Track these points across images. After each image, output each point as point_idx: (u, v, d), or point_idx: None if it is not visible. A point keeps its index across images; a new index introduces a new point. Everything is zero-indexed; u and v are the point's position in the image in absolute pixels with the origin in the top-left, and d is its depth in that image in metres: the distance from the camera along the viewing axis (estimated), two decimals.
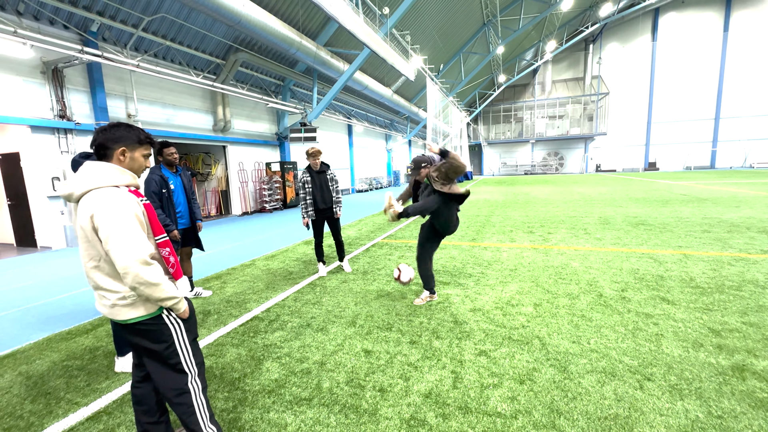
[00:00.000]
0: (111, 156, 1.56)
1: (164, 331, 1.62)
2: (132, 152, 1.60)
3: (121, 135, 1.57)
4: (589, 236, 6.71)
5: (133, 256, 1.43)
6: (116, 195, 1.47)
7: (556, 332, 3.03)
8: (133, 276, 1.43)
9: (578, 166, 39.62)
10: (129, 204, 1.48)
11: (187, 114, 10.71)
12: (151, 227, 1.60)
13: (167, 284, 1.53)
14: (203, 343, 3.08)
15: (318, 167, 4.61)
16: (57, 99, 7.54)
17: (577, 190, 16.48)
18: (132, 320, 1.56)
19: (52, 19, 7.37)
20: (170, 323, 1.64)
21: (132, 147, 1.60)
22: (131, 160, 1.61)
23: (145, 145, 1.66)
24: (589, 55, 37.29)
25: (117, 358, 2.71)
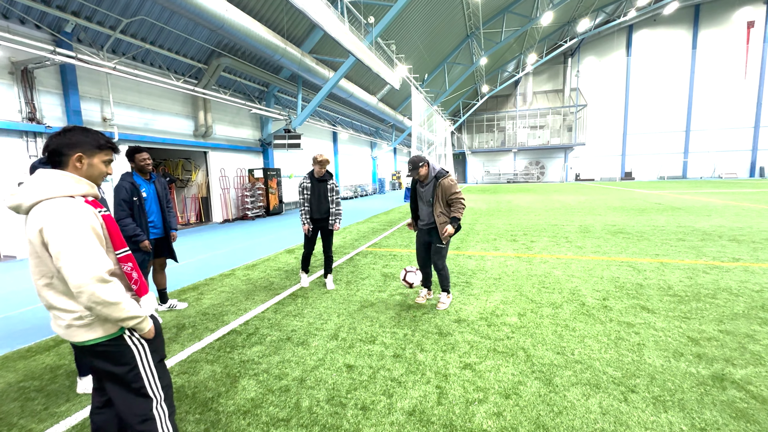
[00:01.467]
0: (66, 163, 1.42)
1: (126, 353, 1.49)
2: (90, 158, 1.46)
3: (78, 140, 1.43)
4: (571, 244, 6.81)
5: (88, 273, 1.30)
6: (69, 206, 1.34)
7: (540, 343, 3.01)
8: (89, 295, 1.30)
9: (558, 175, 40.67)
10: (84, 216, 1.35)
11: (167, 119, 10.42)
12: (111, 240, 1.47)
13: (128, 303, 1.41)
14: (176, 359, 2.92)
15: (321, 175, 4.42)
16: (26, 101, 7.20)
17: (558, 199, 16.85)
18: (90, 342, 1.43)
19: (23, 18, 7.06)
20: (133, 344, 1.50)
21: (90, 153, 1.46)
22: (89, 167, 1.47)
23: (106, 150, 1.52)
24: (568, 68, 38.60)
25: (79, 379, 2.52)
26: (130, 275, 1.53)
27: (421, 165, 3.67)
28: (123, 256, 1.51)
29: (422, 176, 3.73)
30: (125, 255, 1.52)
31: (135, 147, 3.56)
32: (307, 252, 4.63)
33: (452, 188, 3.63)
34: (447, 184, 3.63)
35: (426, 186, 3.77)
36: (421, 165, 3.67)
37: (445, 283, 3.89)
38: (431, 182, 3.72)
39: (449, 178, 3.69)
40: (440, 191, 3.65)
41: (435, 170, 3.73)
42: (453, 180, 3.70)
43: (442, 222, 3.66)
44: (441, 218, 3.66)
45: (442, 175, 3.69)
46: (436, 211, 3.68)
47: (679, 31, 35.80)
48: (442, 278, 3.87)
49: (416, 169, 3.69)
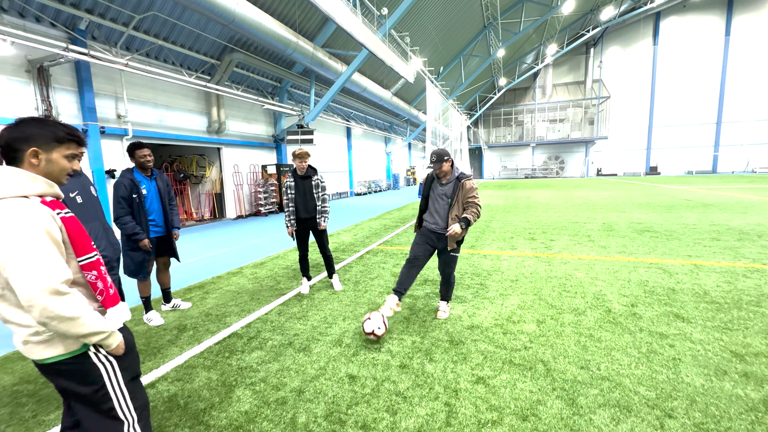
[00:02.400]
0: (21, 159, 1.26)
1: (92, 371, 1.34)
2: (48, 153, 1.30)
3: (32, 133, 1.27)
4: (594, 244, 6.43)
5: (39, 284, 1.14)
6: (21, 208, 1.18)
7: (561, 355, 2.74)
8: (40, 310, 1.14)
9: (579, 170, 39.38)
10: (38, 219, 1.19)
11: (181, 115, 10.46)
12: (73, 246, 1.31)
13: (90, 316, 1.24)
14: (172, 364, 2.80)
15: (304, 171, 4.19)
16: (42, 98, 7.28)
17: (579, 195, 16.21)
18: (50, 360, 1.28)
19: (39, 16, 7.13)
20: (100, 362, 1.35)
21: (47, 147, 1.29)
22: (48, 163, 1.30)
23: (67, 143, 1.34)
24: (590, 59, 37.14)
25: None
26: (94, 285, 1.36)
27: (446, 159, 3.32)
28: (87, 263, 1.34)
29: (444, 172, 3.41)
30: (89, 262, 1.35)
31: (135, 143, 3.45)
32: (301, 254, 4.35)
33: (473, 191, 3.31)
34: (470, 186, 3.31)
35: (445, 185, 3.44)
36: (446, 159, 3.33)
37: (450, 293, 3.59)
38: (452, 182, 3.37)
39: (473, 180, 3.38)
40: (461, 193, 3.36)
41: (458, 171, 3.41)
42: (475, 183, 3.40)
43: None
44: (455, 222, 3.39)
45: (465, 176, 3.37)
46: (452, 213, 3.41)
47: (710, 18, 33.85)
48: (449, 287, 3.56)
49: (440, 162, 3.34)
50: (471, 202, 3.29)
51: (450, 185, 3.37)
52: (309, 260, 4.48)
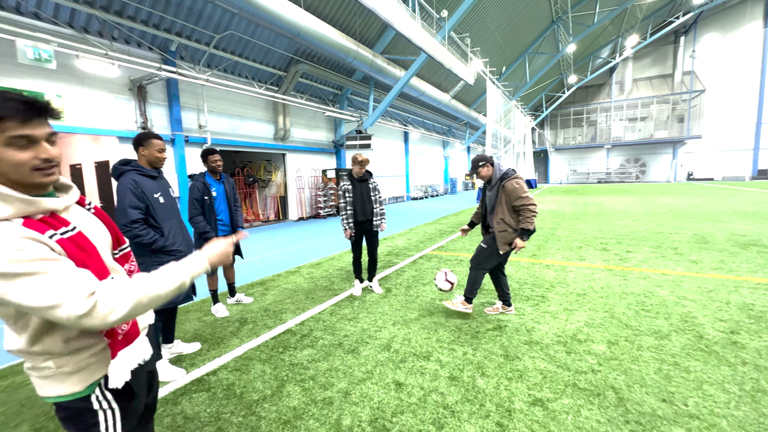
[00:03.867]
0: None
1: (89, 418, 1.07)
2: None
3: None
4: (681, 257, 5.61)
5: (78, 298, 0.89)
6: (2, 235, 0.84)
7: (638, 383, 2.40)
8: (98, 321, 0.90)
9: (664, 174, 34.96)
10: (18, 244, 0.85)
11: (251, 124, 11.36)
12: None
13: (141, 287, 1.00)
14: (233, 354, 2.99)
15: (361, 175, 4.28)
16: (140, 112, 8.41)
17: (664, 202, 14.36)
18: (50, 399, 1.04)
19: (139, 42, 8.26)
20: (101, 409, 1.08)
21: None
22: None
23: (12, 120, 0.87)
24: (680, 49, 32.88)
25: None
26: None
27: (481, 165, 3.27)
28: None
29: (485, 177, 3.32)
30: None
31: (208, 149, 3.79)
32: (356, 257, 4.41)
33: (517, 192, 3.13)
34: (510, 187, 3.16)
35: (492, 189, 3.33)
36: (482, 165, 3.27)
37: (468, 288, 3.50)
38: (497, 185, 3.27)
39: (514, 180, 3.20)
40: (504, 195, 3.20)
41: (501, 171, 3.28)
42: (519, 182, 3.19)
43: (501, 230, 3.22)
44: (500, 226, 3.23)
45: (507, 176, 3.22)
46: (497, 216, 3.25)
47: None
48: (469, 280, 3.50)
49: (476, 169, 3.30)
50: (522, 208, 3.14)
51: (495, 188, 3.30)
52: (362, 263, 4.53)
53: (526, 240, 3.21)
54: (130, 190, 2.54)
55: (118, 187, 2.59)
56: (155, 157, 2.68)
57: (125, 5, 7.55)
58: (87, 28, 7.38)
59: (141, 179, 2.60)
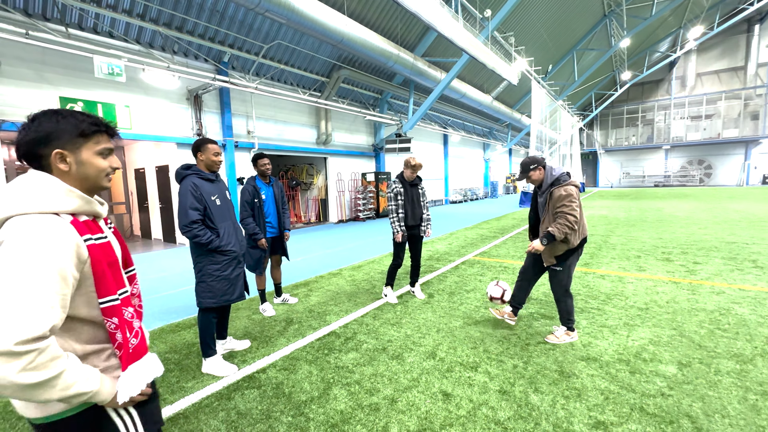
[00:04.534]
0: (48, 166, 1.01)
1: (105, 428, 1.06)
2: (76, 153, 1.02)
3: (50, 130, 0.99)
4: (763, 272, 4.99)
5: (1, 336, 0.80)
6: (38, 230, 0.91)
7: (718, 413, 2.14)
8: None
9: (734, 177, 31.59)
10: (53, 246, 0.91)
11: (295, 129, 11.77)
12: (96, 283, 1.02)
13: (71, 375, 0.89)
14: (280, 353, 3.06)
15: (412, 179, 4.23)
16: (196, 120, 9.00)
17: (735, 208, 12.94)
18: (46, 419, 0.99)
19: (196, 54, 8.86)
20: (117, 416, 1.06)
21: (73, 145, 1.01)
22: (79, 166, 1.03)
23: (95, 137, 1.05)
24: (754, 38, 29.61)
25: (204, 359, 2.83)
26: (113, 335, 1.06)
27: (532, 168, 3.02)
28: (108, 307, 1.04)
29: (536, 181, 3.09)
30: (111, 306, 1.05)
31: (258, 154, 3.96)
32: (396, 263, 4.25)
33: (562, 200, 2.86)
34: (557, 194, 2.89)
35: (543, 195, 3.07)
36: (533, 168, 3.02)
37: (563, 317, 3.14)
38: (546, 191, 3.01)
39: (564, 187, 2.91)
40: (550, 203, 2.96)
41: (553, 176, 2.98)
42: (568, 190, 2.88)
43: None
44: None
45: (559, 182, 2.95)
46: (543, 226, 3.03)
47: None
48: (559, 308, 3.15)
49: (525, 173, 3.06)
50: (560, 212, 2.87)
51: (545, 194, 3.03)
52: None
53: (545, 245, 2.94)
54: (190, 192, 2.70)
55: (180, 189, 2.75)
56: (212, 161, 2.82)
57: (185, 21, 8.14)
58: (152, 43, 8.04)
59: (200, 182, 2.75)
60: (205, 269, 2.76)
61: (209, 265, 2.77)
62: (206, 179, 2.80)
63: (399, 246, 4.21)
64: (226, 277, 2.80)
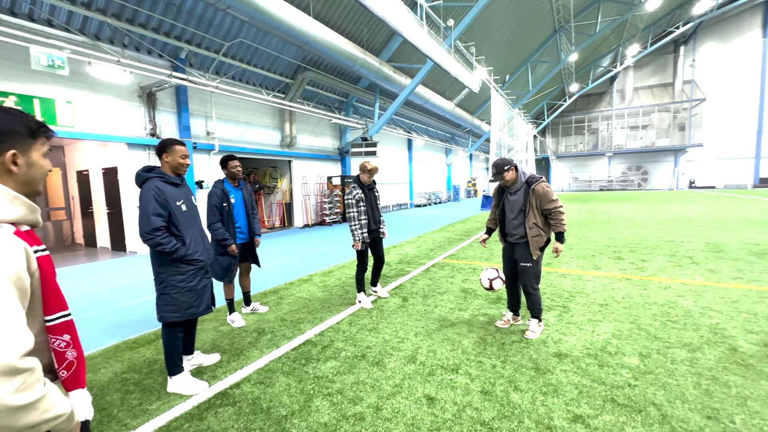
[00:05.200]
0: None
1: None
2: (27, 155, 0.94)
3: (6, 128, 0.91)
4: (698, 267, 5.54)
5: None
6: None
7: (678, 399, 2.32)
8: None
9: (666, 182, 35.02)
10: (4, 257, 0.82)
11: (258, 131, 11.36)
12: (44, 297, 0.94)
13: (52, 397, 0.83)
14: (254, 366, 2.90)
15: (369, 184, 4.23)
16: (149, 119, 8.40)
17: (670, 209, 14.32)
18: None
19: (150, 49, 8.29)
20: None
21: (24, 146, 0.94)
22: (29, 169, 0.95)
23: (42, 137, 0.98)
24: (680, 58, 33.18)
25: (169, 378, 2.62)
26: (61, 355, 0.97)
27: (507, 168, 3.18)
28: (58, 324, 0.96)
29: (509, 182, 3.24)
30: (62, 322, 0.97)
31: (228, 155, 3.76)
32: (362, 268, 4.23)
33: (549, 195, 3.10)
34: (542, 190, 3.11)
35: (515, 194, 3.26)
36: (507, 168, 3.18)
37: (535, 310, 3.33)
38: (521, 189, 3.21)
39: (543, 183, 3.16)
40: (534, 199, 3.14)
41: (525, 175, 3.23)
42: (549, 186, 3.17)
43: (534, 235, 3.14)
44: (534, 230, 3.14)
45: (535, 180, 3.18)
46: (529, 222, 3.17)
47: None
48: (530, 303, 3.33)
49: (500, 174, 3.21)
50: (554, 211, 3.12)
51: (520, 193, 3.22)
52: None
53: (562, 242, 3.16)
54: (153, 197, 2.49)
55: (142, 194, 2.53)
56: (178, 164, 2.63)
57: (137, 13, 7.59)
58: (98, 35, 7.40)
59: (164, 186, 2.55)
60: (169, 280, 2.55)
61: (173, 275, 2.56)
62: (171, 183, 2.60)
63: (362, 252, 4.20)
64: (192, 289, 2.61)
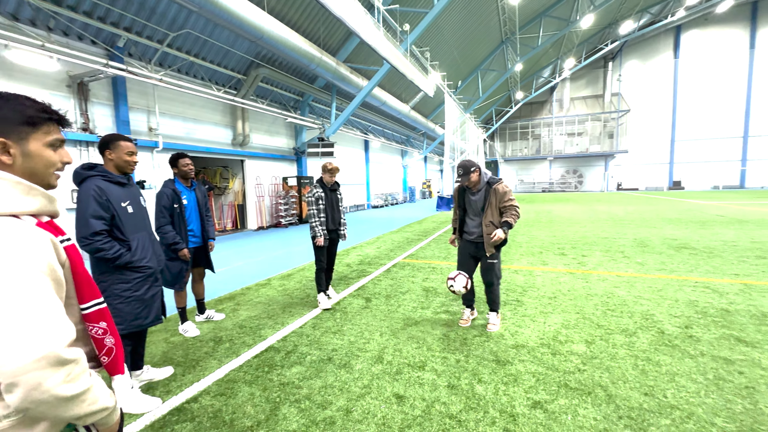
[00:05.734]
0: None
1: None
2: (23, 144, 0.86)
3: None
4: (629, 260, 6.18)
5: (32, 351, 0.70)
6: (10, 233, 0.77)
7: (620, 379, 2.57)
8: (29, 390, 0.69)
9: (598, 184, 38.63)
10: (35, 250, 0.79)
11: (208, 128, 10.73)
12: (77, 287, 0.93)
13: (97, 389, 0.81)
14: (213, 377, 2.74)
15: (331, 184, 4.28)
16: (81, 112, 7.58)
17: (603, 209, 15.80)
18: None
19: (81, 34, 7.48)
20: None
21: (19, 134, 0.85)
22: (26, 159, 0.86)
23: (44, 125, 0.89)
24: (609, 73, 36.84)
25: None
26: (100, 342, 0.97)
27: (473, 170, 3.33)
28: (94, 312, 0.96)
29: (473, 183, 3.39)
30: (98, 309, 0.97)
31: (178, 153, 3.51)
32: (322, 267, 4.25)
33: (508, 194, 3.30)
34: (502, 189, 3.30)
35: (477, 194, 3.42)
36: (473, 170, 3.33)
37: (495, 303, 3.53)
38: (483, 189, 3.38)
39: (504, 184, 3.36)
40: (494, 198, 3.31)
41: (487, 176, 3.41)
42: (508, 187, 3.36)
43: (489, 233, 3.30)
44: (489, 228, 3.30)
45: (496, 180, 3.36)
46: (486, 220, 3.34)
47: (734, 30, 33.28)
48: (492, 297, 3.51)
49: (467, 175, 3.34)
50: (508, 206, 3.30)
51: (481, 193, 3.39)
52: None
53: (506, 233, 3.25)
54: (93, 198, 2.26)
55: (80, 194, 2.30)
56: (124, 162, 2.41)
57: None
58: (17, 15, 6.55)
59: (107, 186, 2.33)
60: (112, 290, 2.32)
61: (117, 284, 2.34)
62: (115, 182, 2.38)
63: (320, 250, 4.21)
64: (139, 298, 2.40)
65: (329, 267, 4.48)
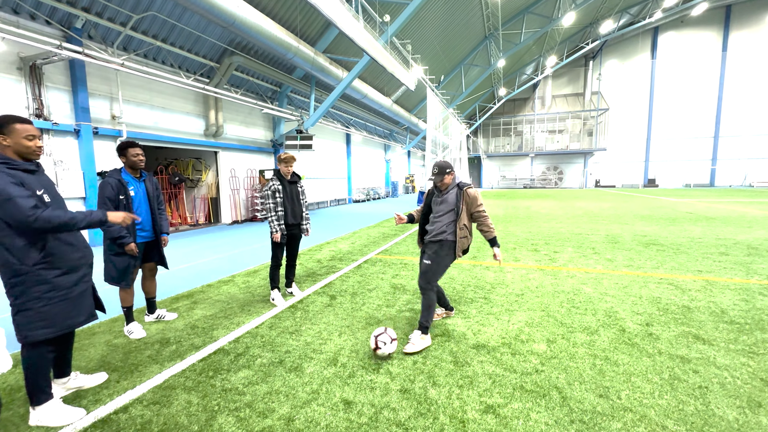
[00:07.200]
0: None
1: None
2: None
3: None
4: (599, 256, 6.23)
5: None
6: None
7: (577, 380, 2.51)
8: None
9: (578, 181, 39.43)
10: None
11: (178, 117, 10.27)
12: None
13: None
14: (150, 384, 2.54)
15: (289, 176, 4.07)
16: (34, 97, 7.08)
17: (579, 206, 16.07)
18: None
19: (33, 13, 6.96)
20: None
21: None
22: None
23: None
24: (589, 71, 37.46)
25: (32, 408, 2.16)
26: None
27: (448, 171, 3.23)
28: None
29: (445, 185, 3.29)
30: None
31: (127, 141, 3.24)
32: (278, 264, 4.12)
33: (478, 200, 3.21)
34: (473, 194, 3.21)
35: (445, 194, 3.29)
36: (449, 172, 3.24)
37: (424, 316, 3.07)
38: (453, 191, 3.24)
39: (474, 188, 3.28)
40: (465, 202, 3.21)
41: (457, 179, 3.31)
42: (477, 191, 3.29)
43: (463, 236, 3.19)
44: (463, 232, 3.19)
45: (466, 185, 3.26)
46: (460, 222, 3.22)
47: (708, 33, 34.30)
48: (422, 307, 3.12)
49: (441, 175, 3.22)
50: (482, 217, 3.23)
51: (451, 194, 3.26)
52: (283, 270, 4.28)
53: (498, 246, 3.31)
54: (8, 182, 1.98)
55: None
56: (24, 147, 2.08)
57: None
58: None
59: (16, 174, 2.04)
60: (30, 293, 2.06)
61: (35, 286, 2.07)
62: (23, 170, 2.09)
63: (278, 246, 4.07)
64: (65, 297, 2.17)
65: (291, 263, 4.34)
